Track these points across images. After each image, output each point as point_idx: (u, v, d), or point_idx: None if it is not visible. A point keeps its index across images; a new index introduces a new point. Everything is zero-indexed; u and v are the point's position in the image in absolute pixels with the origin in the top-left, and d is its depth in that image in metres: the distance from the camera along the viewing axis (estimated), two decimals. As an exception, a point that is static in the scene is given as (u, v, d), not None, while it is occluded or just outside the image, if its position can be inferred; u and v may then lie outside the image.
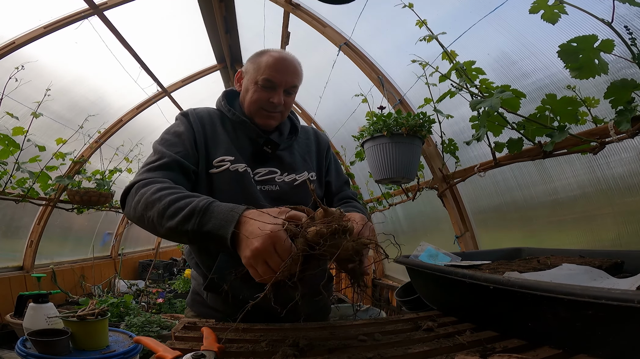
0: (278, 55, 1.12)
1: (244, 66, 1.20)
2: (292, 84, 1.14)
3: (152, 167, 0.99)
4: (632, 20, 1.21)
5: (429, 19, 1.61)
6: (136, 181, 0.95)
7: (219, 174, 1.07)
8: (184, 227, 0.81)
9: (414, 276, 1.07)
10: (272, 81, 1.10)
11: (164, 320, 3.06)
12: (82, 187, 3.66)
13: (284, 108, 1.15)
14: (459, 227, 2.30)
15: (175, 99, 4.74)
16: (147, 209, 0.87)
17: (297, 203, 1.14)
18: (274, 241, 0.69)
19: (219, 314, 1.10)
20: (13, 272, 3.66)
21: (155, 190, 0.89)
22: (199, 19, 3.52)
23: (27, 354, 1.65)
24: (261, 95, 1.12)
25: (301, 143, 1.26)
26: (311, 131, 1.34)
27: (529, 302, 0.65)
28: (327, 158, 1.31)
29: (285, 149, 1.20)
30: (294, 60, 1.15)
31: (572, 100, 1.21)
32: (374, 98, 2.40)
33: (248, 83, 1.15)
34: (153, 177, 0.96)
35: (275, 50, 1.15)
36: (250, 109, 1.15)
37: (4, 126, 2.74)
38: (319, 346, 0.70)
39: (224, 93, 1.24)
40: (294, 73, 1.14)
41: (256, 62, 1.14)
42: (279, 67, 1.10)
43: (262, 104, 1.13)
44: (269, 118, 1.15)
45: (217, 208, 0.81)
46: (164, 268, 6.26)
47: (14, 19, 2.62)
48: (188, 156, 1.06)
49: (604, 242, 1.52)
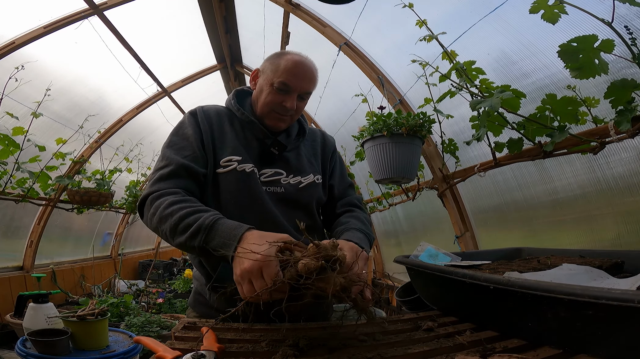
0: (298, 59, 1.11)
1: (262, 65, 1.18)
2: (306, 90, 1.13)
3: (162, 175, 1.02)
4: (632, 20, 1.21)
5: (429, 18, 1.61)
6: (149, 194, 0.99)
7: (226, 174, 1.07)
8: (192, 243, 0.87)
9: (414, 276, 1.07)
10: (288, 85, 1.09)
11: (164, 320, 3.06)
12: (82, 187, 3.66)
13: (295, 112, 1.15)
14: (459, 227, 2.30)
15: (175, 99, 4.75)
16: (161, 223, 0.93)
17: (302, 205, 1.14)
18: (262, 265, 0.73)
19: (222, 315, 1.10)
20: (13, 272, 3.66)
21: (167, 204, 0.93)
22: (198, 19, 3.52)
23: (27, 354, 1.65)
24: (275, 97, 1.11)
25: (308, 145, 1.26)
26: (319, 133, 1.33)
27: (529, 302, 0.65)
28: (332, 161, 1.29)
29: (292, 151, 1.20)
30: (312, 66, 1.14)
31: (572, 100, 1.21)
32: (374, 98, 2.40)
33: (263, 84, 1.14)
34: (165, 187, 0.99)
35: (296, 53, 1.14)
36: (263, 110, 1.15)
37: (4, 126, 2.75)
38: (319, 346, 0.70)
39: (234, 92, 1.23)
40: (310, 80, 1.13)
41: (275, 63, 1.12)
42: (296, 72, 1.09)
43: (274, 107, 1.12)
44: (279, 121, 1.15)
45: (222, 226, 0.85)
46: (164, 268, 6.26)
47: (14, 19, 2.62)
48: (197, 159, 1.06)
49: (604, 242, 1.53)
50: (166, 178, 1.01)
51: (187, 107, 5.09)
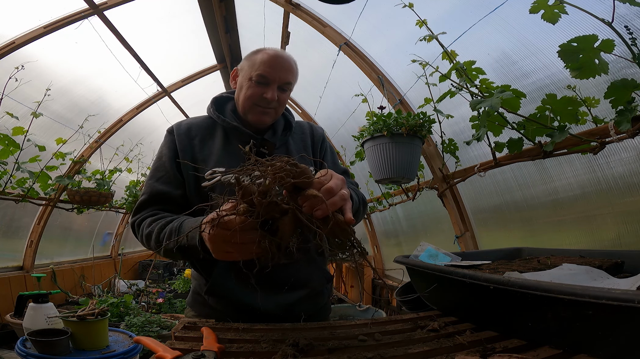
0: (273, 52, 1.13)
1: (240, 64, 1.21)
2: (286, 81, 1.14)
3: (140, 203, 1.13)
4: (632, 20, 1.21)
5: (429, 18, 1.61)
6: (133, 223, 1.11)
7: (212, 187, 1.08)
8: (170, 247, 0.90)
9: (414, 276, 1.07)
10: (266, 77, 1.11)
11: (164, 320, 3.06)
12: (82, 187, 3.66)
13: (277, 104, 1.15)
14: (459, 227, 2.30)
15: (175, 99, 4.75)
16: (148, 242, 1.03)
17: None
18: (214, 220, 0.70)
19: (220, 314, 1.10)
20: (13, 272, 3.66)
21: (146, 225, 1.04)
22: (199, 19, 3.53)
23: (27, 354, 1.65)
24: (255, 90, 1.12)
25: (296, 139, 1.26)
26: (306, 125, 1.33)
27: (529, 302, 0.65)
28: (322, 150, 1.29)
29: (281, 147, 1.20)
30: (289, 58, 1.15)
31: (572, 100, 1.21)
32: (374, 98, 2.40)
33: (242, 80, 1.16)
34: (142, 215, 1.09)
35: (271, 48, 1.16)
36: (245, 105, 1.15)
37: (4, 126, 2.75)
38: (319, 346, 0.70)
39: (212, 100, 1.24)
40: (288, 70, 1.14)
41: (251, 59, 1.15)
42: (273, 63, 1.11)
43: (255, 100, 1.13)
44: (262, 114, 1.15)
45: (186, 224, 0.92)
46: (164, 268, 6.26)
47: (14, 19, 2.62)
48: (170, 179, 1.12)
49: (604, 242, 1.52)
50: (143, 206, 1.12)
51: (187, 107, 5.09)
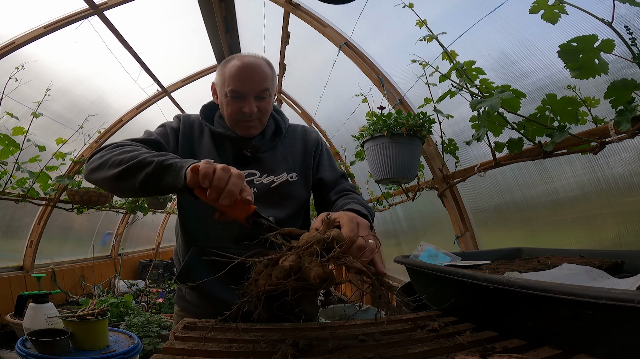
0: (239, 63, 1.09)
1: (215, 78, 1.18)
2: (260, 89, 1.10)
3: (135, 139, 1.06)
4: (632, 20, 1.21)
5: (429, 18, 1.61)
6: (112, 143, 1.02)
7: None
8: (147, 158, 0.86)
9: (414, 276, 1.07)
10: (239, 91, 1.08)
11: (164, 320, 3.06)
12: (82, 187, 3.66)
13: (260, 114, 1.12)
14: (459, 227, 2.30)
15: (175, 99, 4.74)
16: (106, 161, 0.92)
17: (275, 204, 1.14)
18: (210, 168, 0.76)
19: (198, 309, 1.14)
20: (13, 272, 3.66)
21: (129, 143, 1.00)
22: (199, 19, 3.52)
23: (27, 354, 1.65)
24: (233, 107, 1.10)
25: (286, 143, 1.25)
26: (299, 129, 1.31)
27: (529, 302, 0.65)
28: (317, 154, 1.27)
29: (268, 151, 1.20)
30: (259, 64, 1.10)
31: (572, 100, 1.21)
32: (374, 98, 2.40)
33: (221, 97, 1.15)
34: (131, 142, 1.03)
35: (239, 56, 1.12)
36: (229, 122, 1.16)
37: (4, 126, 2.75)
38: (319, 346, 0.70)
39: (202, 108, 1.24)
40: (261, 78, 1.09)
41: (221, 73, 1.12)
42: (242, 76, 1.07)
43: (236, 116, 1.12)
44: (248, 128, 1.14)
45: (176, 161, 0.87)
46: (164, 268, 6.25)
47: (14, 19, 2.62)
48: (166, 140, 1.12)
49: (604, 242, 1.52)
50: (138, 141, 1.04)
51: (187, 107, 5.09)
